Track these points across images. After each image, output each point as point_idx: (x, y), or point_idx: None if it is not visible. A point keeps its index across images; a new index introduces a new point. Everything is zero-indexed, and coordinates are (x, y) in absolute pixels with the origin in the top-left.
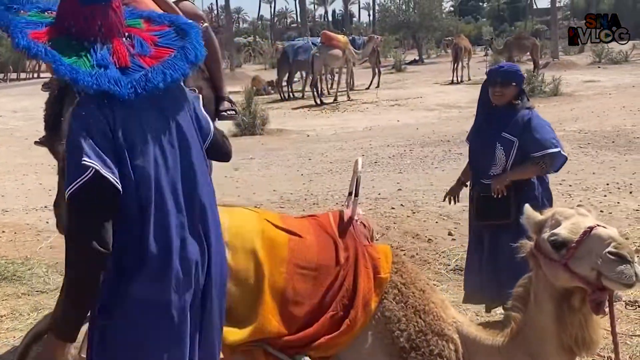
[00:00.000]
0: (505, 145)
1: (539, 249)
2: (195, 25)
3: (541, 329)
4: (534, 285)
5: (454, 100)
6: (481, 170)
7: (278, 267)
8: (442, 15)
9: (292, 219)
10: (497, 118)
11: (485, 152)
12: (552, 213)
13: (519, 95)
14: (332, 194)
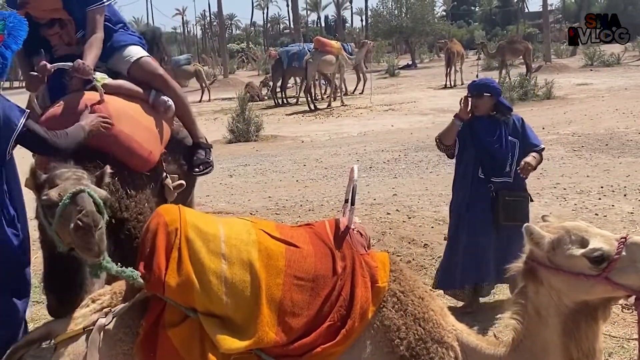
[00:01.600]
0: (511, 147)
1: (555, 265)
2: None
3: (544, 342)
4: (534, 301)
5: (447, 105)
6: (495, 171)
7: (275, 278)
8: (435, 19)
9: (288, 228)
10: (491, 125)
11: (499, 156)
12: (566, 229)
13: (496, 105)
14: (327, 200)
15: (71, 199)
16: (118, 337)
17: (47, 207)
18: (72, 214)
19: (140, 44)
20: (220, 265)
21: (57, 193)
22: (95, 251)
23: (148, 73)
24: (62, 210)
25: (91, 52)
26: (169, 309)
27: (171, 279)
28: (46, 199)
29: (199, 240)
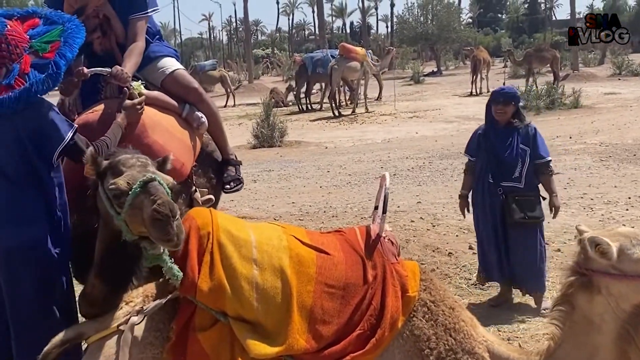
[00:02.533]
0: (521, 154)
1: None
2: None
3: (593, 348)
4: (586, 309)
5: (472, 112)
6: (503, 176)
7: (306, 285)
8: (461, 27)
9: (318, 234)
10: (505, 133)
11: (507, 161)
12: (624, 235)
13: (516, 113)
14: (351, 207)
15: (142, 188)
16: (148, 341)
17: (114, 196)
18: (144, 203)
19: (175, 56)
20: (252, 270)
21: (126, 181)
22: (174, 241)
23: (183, 86)
24: (132, 199)
25: (130, 59)
26: (199, 312)
27: (203, 283)
28: (114, 188)
29: (231, 245)
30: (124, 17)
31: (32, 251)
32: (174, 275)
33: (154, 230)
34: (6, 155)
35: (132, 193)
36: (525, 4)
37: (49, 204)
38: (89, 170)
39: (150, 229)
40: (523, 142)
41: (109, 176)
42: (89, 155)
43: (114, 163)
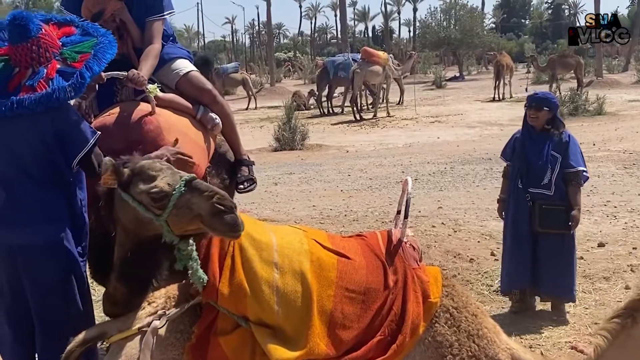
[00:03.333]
0: (552, 161)
1: None
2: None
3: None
4: None
5: (495, 118)
6: (531, 182)
7: (326, 289)
8: (484, 32)
9: (339, 238)
10: (538, 138)
11: (536, 166)
12: None
13: (552, 119)
14: (372, 211)
15: (187, 187)
16: (170, 342)
17: (153, 199)
18: (192, 200)
19: (188, 57)
20: (273, 274)
21: (166, 183)
22: (240, 231)
23: (196, 88)
24: (177, 199)
25: (147, 62)
26: (221, 316)
27: (224, 287)
28: (157, 191)
29: (252, 248)
30: (140, 20)
31: (54, 249)
32: (198, 279)
33: (219, 223)
34: (30, 155)
35: (176, 193)
36: (549, 9)
37: (71, 203)
38: (108, 180)
39: (213, 222)
40: (555, 149)
41: (138, 182)
42: (109, 164)
43: (137, 169)
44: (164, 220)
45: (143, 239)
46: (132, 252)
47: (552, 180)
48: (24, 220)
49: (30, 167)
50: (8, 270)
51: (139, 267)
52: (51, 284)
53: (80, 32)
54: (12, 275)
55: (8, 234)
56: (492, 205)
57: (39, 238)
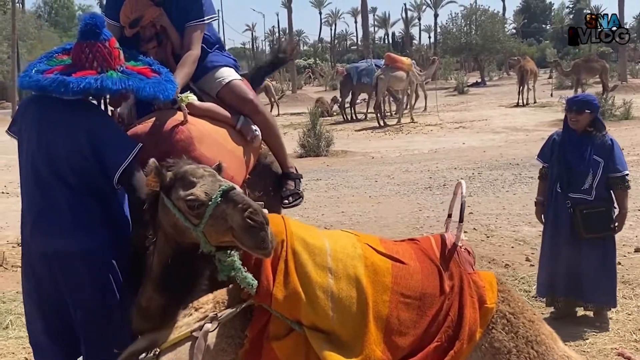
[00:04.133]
0: (594, 165)
1: None
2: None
3: None
4: None
5: (520, 123)
6: (571, 186)
7: (381, 295)
8: (505, 37)
9: (392, 243)
10: (579, 141)
11: (577, 170)
12: None
13: (593, 122)
14: (402, 217)
15: (224, 197)
16: (221, 347)
17: (190, 207)
18: (227, 212)
19: (234, 66)
20: (327, 279)
21: (203, 192)
22: (269, 249)
23: (238, 97)
24: (213, 209)
25: (182, 69)
26: (274, 321)
27: (278, 291)
28: (193, 199)
29: (305, 253)
30: (181, 26)
31: (91, 256)
32: (248, 284)
33: (248, 239)
34: (68, 167)
35: (212, 203)
36: (571, 14)
37: (111, 212)
38: (151, 182)
39: (243, 237)
40: (597, 153)
41: (178, 187)
42: (153, 166)
43: (180, 174)
44: (201, 231)
45: (183, 247)
46: (172, 259)
47: (593, 185)
48: (60, 227)
49: (66, 173)
50: (47, 281)
51: (179, 275)
52: (91, 292)
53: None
54: (50, 286)
55: (45, 241)
56: (523, 211)
57: (75, 246)
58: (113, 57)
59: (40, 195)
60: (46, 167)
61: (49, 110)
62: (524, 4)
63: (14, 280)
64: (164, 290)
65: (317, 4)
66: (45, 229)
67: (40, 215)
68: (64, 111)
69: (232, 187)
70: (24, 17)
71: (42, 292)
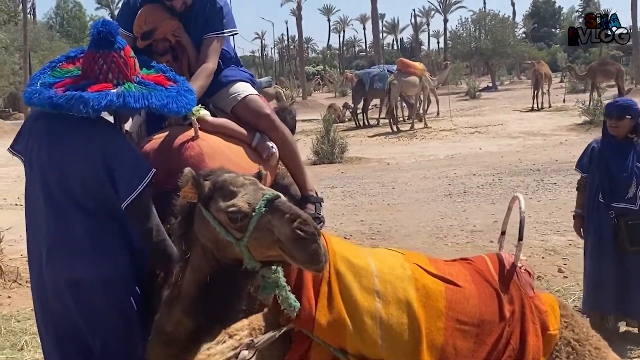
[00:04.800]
0: (637, 173)
1: None
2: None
3: None
4: None
5: (537, 128)
6: (614, 196)
7: (435, 321)
8: (516, 41)
9: (443, 263)
10: (620, 148)
11: (619, 179)
12: None
13: (635, 127)
14: (423, 226)
15: (268, 207)
16: None
17: (232, 220)
18: (273, 223)
19: (250, 80)
20: (375, 303)
21: (246, 202)
22: (322, 263)
23: (254, 112)
24: (257, 220)
25: (195, 82)
26: (315, 347)
27: (321, 317)
28: (235, 210)
29: (350, 274)
30: (199, 37)
31: (114, 285)
32: (290, 306)
33: (299, 252)
34: (82, 189)
35: (256, 213)
36: (580, 17)
37: (128, 236)
38: (188, 193)
39: (293, 250)
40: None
41: (217, 198)
42: (190, 176)
43: (219, 183)
44: (245, 245)
45: (223, 264)
46: (210, 277)
47: (637, 194)
48: (80, 253)
49: (82, 196)
50: (64, 312)
51: (217, 296)
52: (112, 321)
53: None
54: (68, 317)
55: (62, 269)
56: (550, 219)
57: (97, 272)
58: (129, 67)
59: (55, 221)
60: (59, 188)
61: (60, 127)
62: (533, 8)
63: (29, 297)
64: (197, 313)
65: (326, 11)
66: (63, 256)
67: (56, 241)
68: (76, 127)
69: (276, 195)
70: (35, 27)
71: (58, 325)
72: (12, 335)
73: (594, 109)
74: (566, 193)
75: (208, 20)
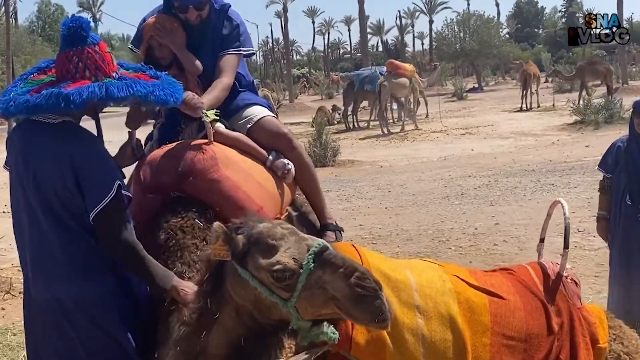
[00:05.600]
0: None
1: None
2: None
3: None
4: None
5: (528, 128)
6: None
7: (481, 337)
8: (501, 42)
9: (482, 274)
10: None
11: None
12: None
13: None
14: (424, 229)
15: (317, 262)
16: None
17: (277, 279)
18: (325, 279)
19: (267, 105)
20: (416, 319)
21: (291, 258)
22: (388, 321)
23: (271, 133)
24: (306, 278)
25: (211, 93)
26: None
27: (359, 335)
28: (281, 269)
29: (388, 288)
30: (216, 53)
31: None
32: (330, 339)
33: (360, 312)
34: (58, 201)
35: (304, 270)
36: (563, 18)
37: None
38: (220, 251)
39: (353, 310)
40: None
41: (255, 254)
42: (220, 231)
43: (254, 237)
44: (293, 306)
45: (264, 325)
46: (245, 338)
47: None
48: (56, 272)
49: (57, 208)
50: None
51: (251, 355)
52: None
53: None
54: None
55: (44, 287)
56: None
57: (75, 292)
58: (106, 62)
59: (38, 238)
60: (37, 201)
61: (33, 137)
62: (516, 9)
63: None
64: None
65: (310, 13)
66: (43, 276)
67: (37, 260)
68: (48, 137)
69: (324, 246)
70: (17, 32)
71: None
72: (9, 349)
73: (585, 108)
74: (564, 194)
75: (224, 36)
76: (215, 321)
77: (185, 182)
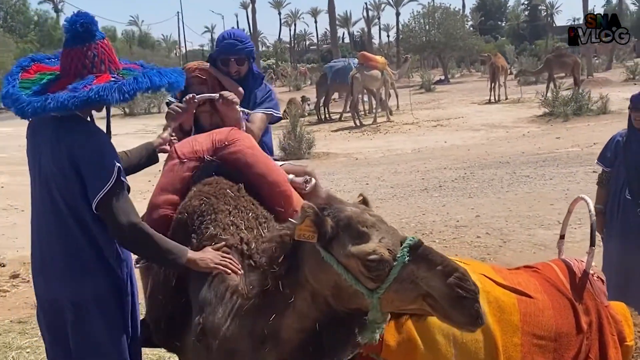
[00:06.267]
0: None
1: None
2: None
3: None
4: None
5: (497, 120)
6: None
7: (511, 337)
8: (466, 34)
9: (508, 272)
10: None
11: None
12: None
13: None
14: (406, 222)
15: (412, 255)
16: None
17: (370, 268)
18: (418, 274)
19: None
20: None
21: (386, 248)
22: (482, 325)
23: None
24: (400, 271)
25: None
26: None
27: (390, 338)
28: (376, 258)
29: None
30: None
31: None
32: (373, 339)
33: (458, 313)
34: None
35: (398, 262)
36: (526, 10)
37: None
38: (306, 232)
39: (449, 310)
40: None
41: (344, 240)
42: (311, 212)
43: (343, 221)
44: (378, 298)
45: (339, 312)
46: (320, 324)
47: None
48: (56, 271)
49: (58, 202)
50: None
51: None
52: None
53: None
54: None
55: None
56: (532, 212)
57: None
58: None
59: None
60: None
61: (38, 130)
62: (480, 2)
63: (5, 307)
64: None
65: (276, 4)
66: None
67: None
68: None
69: (418, 241)
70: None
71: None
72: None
73: (553, 100)
74: (541, 186)
75: (258, 97)
76: (289, 305)
77: (219, 148)
